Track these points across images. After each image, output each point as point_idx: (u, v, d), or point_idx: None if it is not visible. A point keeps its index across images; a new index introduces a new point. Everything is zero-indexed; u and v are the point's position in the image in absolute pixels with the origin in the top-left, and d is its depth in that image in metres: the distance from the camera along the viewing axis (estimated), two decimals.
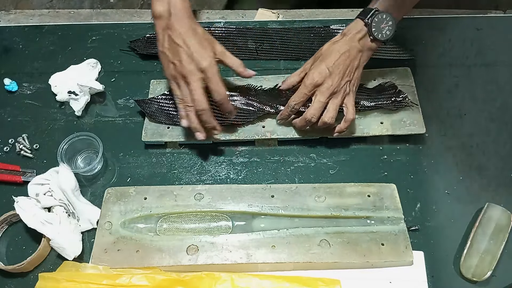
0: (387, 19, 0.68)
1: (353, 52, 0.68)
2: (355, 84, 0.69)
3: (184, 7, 0.68)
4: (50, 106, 0.79)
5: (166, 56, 0.67)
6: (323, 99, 0.66)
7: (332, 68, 0.66)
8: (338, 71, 0.66)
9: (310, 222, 0.65)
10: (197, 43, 0.66)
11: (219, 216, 0.66)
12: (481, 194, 0.68)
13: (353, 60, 0.68)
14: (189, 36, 0.66)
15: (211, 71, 0.65)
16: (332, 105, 0.67)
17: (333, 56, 0.67)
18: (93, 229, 0.66)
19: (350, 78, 0.68)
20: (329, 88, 0.66)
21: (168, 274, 0.60)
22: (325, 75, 0.66)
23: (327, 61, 0.67)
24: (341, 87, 0.67)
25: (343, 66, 0.67)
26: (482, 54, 0.82)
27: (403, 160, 0.72)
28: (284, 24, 0.87)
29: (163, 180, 0.71)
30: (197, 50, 0.65)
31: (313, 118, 0.67)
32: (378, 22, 0.68)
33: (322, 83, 0.66)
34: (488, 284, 0.62)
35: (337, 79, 0.66)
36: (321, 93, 0.66)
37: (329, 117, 0.67)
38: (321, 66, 0.67)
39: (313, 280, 0.60)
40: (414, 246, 0.63)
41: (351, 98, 0.68)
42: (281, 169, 0.72)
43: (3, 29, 0.89)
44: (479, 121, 0.75)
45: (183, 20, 0.67)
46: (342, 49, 0.67)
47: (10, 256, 0.65)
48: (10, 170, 0.71)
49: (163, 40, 0.68)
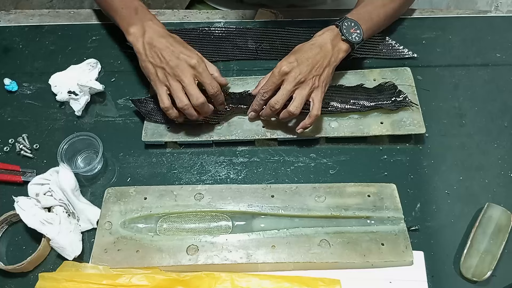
0: (355, 27, 0.72)
1: (324, 49, 0.69)
2: (324, 81, 0.69)
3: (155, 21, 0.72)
4: (50, 106, 0.79)
5: (152, 64, 0.69)
6: (289, 87, 0.67)
7: (301, 60, 0.68)
8: (307, 63, 0.67)
9: (310, 222, 0.65)
10: (180, 44, 0.69)
11: (219, 216, 0.66)
12: (481, 194, 0.68)
13: (324, 57, 0.69)
14: (170, 41, 0.69)
15: (202, 66, 0.68)
16: (298, 95, 0.67)
17: (304, 50, 0.69)
18: (93, 229, 0.66)
19: (319, 73, 0.68)
20: (296, 77, 0.67)
21: (168, 274, 0.60)
22: (293, 65, 0.67)
23: (297, 54, 0.69)
24: (309, 79, 0.67)
25: (313, 60, 0.68)
26: (482, 54, 0.82)
27: (403, 160, 0.72)
28: (284, 24, 0.87)
29: (163, 180, 0.71)
30: (182, 50, 0.68)
31: (276, 104, 0.68)
32: (348, 27, 0.72)
33: (290, 72, 0.67)
34: (488, 284, 0.62)
35: (305, 70, 0.67)
36: (288, 81, 0.67)
37: (294, 106, 0.67)
38: (291, 57, 0.69)
39: (313, 280, 0.60)
40: (414, 246, 0.63)
41: (319, 94, 0.68)
42: (281, 169, 0.72)
43: (3, 29, 0.89)
44: (479, 121, 0.75)
45: (159, 30, 0.71)
46: (313, 46, 0.70)
47: (10, 256, 0.65)
48: (10, 170, 0.71)
49: (144, 53, 0.70)
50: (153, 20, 0.72)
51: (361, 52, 0.82)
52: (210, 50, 0.84)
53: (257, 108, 0.71)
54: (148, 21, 0.71)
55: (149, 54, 0.69)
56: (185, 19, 0.89)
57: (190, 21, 0.89)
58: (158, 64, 0.68)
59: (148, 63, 0.69)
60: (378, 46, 0.83)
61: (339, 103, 0.73)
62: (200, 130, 0.73)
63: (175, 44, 0.69)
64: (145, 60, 0.70)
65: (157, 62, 0.68)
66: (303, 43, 0.71)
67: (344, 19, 0.72)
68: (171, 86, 0.68)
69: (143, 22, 0.71)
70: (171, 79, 0.67)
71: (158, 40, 0.69)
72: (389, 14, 0.78)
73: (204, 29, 0.86)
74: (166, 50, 0.68)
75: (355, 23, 0.72)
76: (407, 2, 0.82)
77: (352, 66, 0.81)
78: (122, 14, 0.74)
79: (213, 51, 0.84)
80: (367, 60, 0.82)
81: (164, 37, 0.69)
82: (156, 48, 0.68)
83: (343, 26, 0.71)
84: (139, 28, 0.71)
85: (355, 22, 0.72)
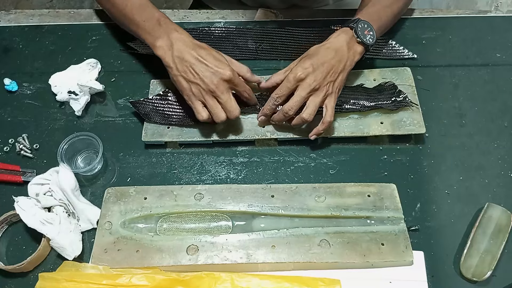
0: (369, 28, 0.71)
1: (339, 54, 0.68)
2: (338, 87, 0.69)
3: (180, 31, 0.70)
4: (50, 106, 0.79)
5: (185, 79, 0.67)
6: (304, 93, 0.66)
7: (317, 65, 0.67)
8: (322, 70, 0.67)
9: (310, 222, 0.65)
10: (211, 56, 0.67)
11: (219, 216, 0.66)
12: (481, 194, 0.68)
13: (339, 62, 0.68)
14: (201, 53, 0.67)
15: (236, 78, 0.67)
16: (312, 102, 0.67)
17: (320, 55, 0.68)
18: (93, 229, 0.66)
19: (334, 79, 0.68)
20: (311, 84, 0.66)
21: (168, 274, 0.60)
22: (308, 71, 0.67)
23: (313, 59, 0.68)
24: (324, 85, 0.67)
25: (328, 66, 0.67)
26: (482, 54, 0.82)
27: (403, 160, 0.72)
28: (284, 24, 0.87)
29: (163, 180, 0.71)
30: (214, 62, 0.67)
31: (290, 110, 0.67)
32: (362, 29, 0.70)
33: (305, 78, 0.67)
34: (488, 284, 0.62)
35: (320, 76, 0.66)
36: (302, 87, 0.67)
37: (308, 113, 0.67)
38: (306, 62, 0.68)
39: (313, 280, 0.60)
40: (414, 246, 0.63)
41: (332, 100, 0.68)
42: (281, 169, 0.72)
43: (3, 29, 0.89)
44: (479, 121, 0.75)
45: (187, 41, 0.68)
46: (329, 50, 0.68)
47: (10, 256, 0.65)
48: (10, 170, 0.71)
49: (175, 67, 0.68)
50: (178, 30, 0.70)
51: None
52: None
53: (268, 112, 0.71)
54: (174, 32, 0.69)
55: (181, 68, 0.67)
56: (185, 19, 0.89)
57: (190, 21, 0.89)
58: (192, 80, 0.67)
59: (180, 77, 0.68)
60: (378, 46, 0.83)
61: (339, 103, 0.73)
62: (200, 130, 0.73)
63: (206, 56, 0.67)
64: (177, 75, 0.68)
65: (190, 77, 0.67)
66: (319, 46, 0.70)
67: (357, 20, 0.70)
68: (207, 102, 0.67)
69: (169, 34, 0.69)
70: (206, 95, 0.67)
71: (188, 53, 0.67)
72: (395, 14, 0.77)
73: (204, 29, 0.86)
74: (198, 65, 0.66)
75: (368, 25, 0.71)
76: (409, 1, 0.81)
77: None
78: (145, 28, 0.72)
79: None
80: (367, 60, 0.82)
81: (194, 49, 0.67)
82: (187, 63, 0.67)
83: (358, 28, 0.70)
84: (166, 40, 0.69)
85: (368, 24, 0.71)
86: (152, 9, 0.73)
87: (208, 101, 0.67)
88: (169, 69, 0.69)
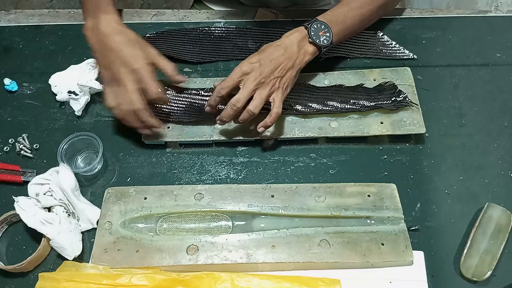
0: (325, 30, 0.71)
1: (290, 51, 0.69)
2: (286, 83, 0.69)
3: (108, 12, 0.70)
4: (50, 106, 0.79)
5: (101, 63, 0.70)
6: (250, 86, 0.66)
7: (264, 61, 0.67)
8: (269, 65, 0.67)
9: (310, 222, 0.65)
10: (127, 46, 0.68)
11: (219, 216, 0.66)
12: (481, 194, 0.68)
13: (288, 59, 0.68)
14: (119, 41, 0.68)
15: (143, 72, 0.67)
16: (258, 95, 0.67)
17: (268, 51, 0.68)
18: (93, 229, 0.66)
19: (281, 75, 0.68)
20: (256, 77, 0.66)
21: (168, 274, 0.60)
22: (254, 65, 0.67)
23: (261, 55, 0.68)
24: (270, 80, 0.67)
25: (276, 62, 0.67)
26: (482, 54, 0.82)
27: (403, 160, 0.72)
28: (284, 24, 0.87)
29: (163, 180, 0.71)
30: (127, 53, 0.67)
31: (238, 103, 0.67)
32: (316, 29, 0.70)
33: (250, 72, 0.67)
34: (488, 284, 0.62)
35: (266, 71, 0.66)
36: (248, 81, 0.67)
37: (254, 105, 0.67)
38: (254, 57, 0.68)
39: (313, 280, 0.60)
40: (414, 246, 0.63)
41: (279, 94, 0.68)
42: (281, 169, 0.72)
43: (3, 29, 0.89)
44: (479, 121, 0.75)
45: (112, 25, 0.69)
46: (278, 48, 0.69)
47: (10, 256, 0.65)
48: (10, 170, 0.71)
49: (95, 49, 0.70)
50: (107, 11, 0.70)
51: (361, 52, 0.82)
52: (210, 50, 0.84)
53: (212, 103, 0.70)
54: (101, 14, 0.70)
55: (99, 52, 0.69)
56: (185, 19, 0.89)
57: (190, 21, 0.89)
58: (106, 66, 0.69)
59: (99, 60, 0.71)
60: (378, 46, 0.83)
61: (339, 103, 0.73)
62: (200, 130, 0.73)
63: (124, 43, 0.68)
64: (96, 57, 0.71)
65: (104, 63, 0.69)
66: (270, 43, 0.70)
67: (314, 21, 0.71)
68: (113, 88, 0.68)
69: (96, 15, 0.70)
70: (114, 82, 0.68)
71: (108, 37, 0.68)
72: (365, 17, 0.76)
73: (204, 29, 0.86)
74: (113, 52, 0.67)
75: (326, 26, 0.71)
76: (386, 5, 0.79)
77: (352, 66, 0.81)
78: (85, 6, 0.73)
79: (213, 51, 0.84)
80: (367, 60, 0.82)
81: (116, 34, 0.68)
82: (105, 48, 0.68)
83: (311, 28, 0.70)
84: (93, 21, 0.70)
85: (326, 25, 0.71)
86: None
87: (115, 88, 0.68)
88: (92, 51, 0.71)
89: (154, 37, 0.85)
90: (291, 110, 0.73)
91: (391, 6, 0.82)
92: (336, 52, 0.81)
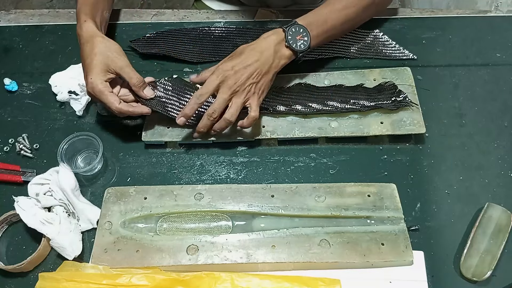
0: (303, 34, 0.70)
1: (264, 56, 0.68)
2: (261, 88, 0.69)
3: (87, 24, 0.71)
4: (50, 106, 0.79)
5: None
6: (225, 95, 0.66)
7: (239, 68, 0.66)
8: (244, 72, 0.66)
9: (310, 222, 0.65)
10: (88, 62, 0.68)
11: (219, 216, 0.66)
12: (481, 194, 0.68)
13: (263, 64, 0.68)
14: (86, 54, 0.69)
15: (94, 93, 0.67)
16: (234, 104, 0.67)
17: (243, 56, 0.68)
18: (93, 229, 0.66)
19: (256, 81, 0.67)
20: (231, 86, 0.66)
21: (168, 274, 0.60)
22: (229, 73, 0.66)
23: (235, 60, 0.67)
24: (245, 87, 0.67)
25: (251, 68, 0.67)
26: (482, 54, 0.82)
27: (403, 160, 0.72)
28: (284, 24, 0.86)
29: (163, 180, 0.71)
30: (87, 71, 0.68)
31: (214, 113, 0.67)
32: (294, 33, 0.69)
33: (225, 81, 0.66)
34: (488, 284, 0.62)
35: (241, 79, 0.66)
36: (223, 90, 0.66)
37: (230, 113, 0.67)
38: (228, 64, 0.67)
39: (313, 280, 0.60)
40: (414, 246, 0.63)
41: (255, 99, 0.68)
42: (281, 169, 0.72)
43: (3, 29, 0.89)
44: (479, 121, 0.75)
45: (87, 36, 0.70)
46: (253, 51, 0.68)
47: (10, 256, 0.65)
48: (10, 170, 0.71)
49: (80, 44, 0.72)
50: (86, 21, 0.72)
51: (361, 52, 0.82)
52: (210, 50, 0.84)
53: (188, 112, 0.67)
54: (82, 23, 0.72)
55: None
56: (185, 19, 0.89)
57: (190, 21, 0.89)
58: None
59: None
60: (378, 46, 0.83)
61: (339, 103, 0.73)
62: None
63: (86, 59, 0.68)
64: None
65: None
66: (246, 45, 0.69)
67: (292, 24, 0.70)
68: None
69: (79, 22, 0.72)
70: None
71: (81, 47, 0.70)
72: (349, 18, 0.74)
73: (204, 29, 0.86)
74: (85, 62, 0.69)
75: (304, 30, 0.70)
76: (373, 6, 0.77)
77: (352, 66, 0.81)
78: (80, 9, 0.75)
79: (213, 51, 0.84)
80: (367, 60, 0.82)
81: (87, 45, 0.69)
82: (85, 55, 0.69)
83: (289, 32, 0.69)
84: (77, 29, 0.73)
85: (304, 28, 0.70)
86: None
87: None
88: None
89: (154, 37, 0.85)
90: (269, 111, 0.73)
91: (381, 6, 0.81)
92: (336, 52, 0.81)
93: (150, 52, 0.83)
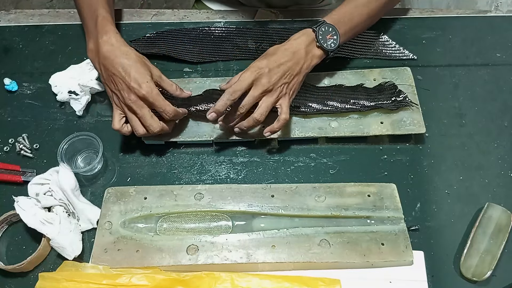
0: (333, 33, 0.70)
1: (297, 56, 0.68)
2: (293, 89, 0.69)
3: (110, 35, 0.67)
4: (50, 106, 0.79)
5: (108, 87, 0.68)
6: (257, 93, 0.66)
7: (272, 67, 0.66)
8: (277, 71, 0.66)
9: (310, 222, 0.65)
10: (133, 69, 0.65)
11: (219, 216, 0.66)
12: (481, 194, 0.68)
13: (296, 64, 0.68)
14: (123, 62, 0.66)
15: (151, 96, 0.65)
16: (265, 103, 0.66)
17: (276, 56, 0.67)
18: (93, 229, 0.66)
19: (288, 81, 0.67)
20: (264, 84, 0.66)
21: (168, 274, 0.60)
22: (263, 71, 0.66)
23: (269, 60, 0.67)
24: (278, 87, 0.67)
25: (284, 67, 0.67)
26: (482, 54, 0.82)
27: (403, 160, 0.72)
28: (284, 24, 0.87)
29: (163, 180, 0.71)
30: (134, 77, 0.65)
31: (241, 109, 0.66)
32: (324, 32, 0.70)
33: (259, 78, 0.66)
34: (488, 284, 0.62)
35: (274, 78, 0.66)
36: (256, 88, 0.66)
37: (259, 113, 0.66)
38: (262, 62, 0.67)
39: (313, 280, 0.60)
40: (414, 246, 0.63)
41: (286, 100, 0.68)
42: (281, 169, 0.72)
43: (3, 29, 0.89)
44: (479, 121, 0.75)
45: (112, 49, 0.67)
46: (286, 52, 0.68)
47: (10, 256, 0.65)
48: (10, 170, 0.71)
49: (101, 74, 0.69)
50: (109, 33, 0.67)
51: (361, 52, 0.82)
52: (210, 50, 0.84)
53: (220, 109, 0.66)
54: (103, 35, 0.67)
55: (105, 76, 0.68)
56: (185, 19, 0.89)
57: (190, 21, 0.89)
58: (113, 89, 0.67)
59: (105, 84, 0.69)
60: (378, 46, 0.83)
61: (339, 103, 0.73)
62: (200, 130, 0.73)
63: (128, 68, 0.65)
64: (104, 82, 0.69)
65: (112, 87, 0.67)
66: (278, 46, 0.69)
67: (321, 23, 0.70)
68: (126, 114, 0.67)
69: (98, 37, 0.68)
70: (125, 108, 0.67)
71: (111, 62, 0.66)
72: (372, 13, 0.75)
73: (204, 29, 0.86)
74: (117, 77, 0.66)
75: (333, 28, 0.70)
76: (392, 2, 0.79)
77: (352, 66, 0.81)
78: (87, 27, 0.72)
79: (213, 51, 0.84)
80: (367, 60, 0.82)
81: (118, 57, 0.66)
82: (109, 72, 0.66)
83: (319, 32, 0.69)
84: (95, 44, 0.68)
85: (333, 27, 0.70)
86: (97, 6, 0.71)
87: (127, 113, 0.67)
88: (99, 73, 0.70)
89: (154, 37, 0.85)
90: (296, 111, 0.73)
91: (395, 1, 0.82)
92: (336, 52, 0.81)
93: (150, 52, 0.83)
